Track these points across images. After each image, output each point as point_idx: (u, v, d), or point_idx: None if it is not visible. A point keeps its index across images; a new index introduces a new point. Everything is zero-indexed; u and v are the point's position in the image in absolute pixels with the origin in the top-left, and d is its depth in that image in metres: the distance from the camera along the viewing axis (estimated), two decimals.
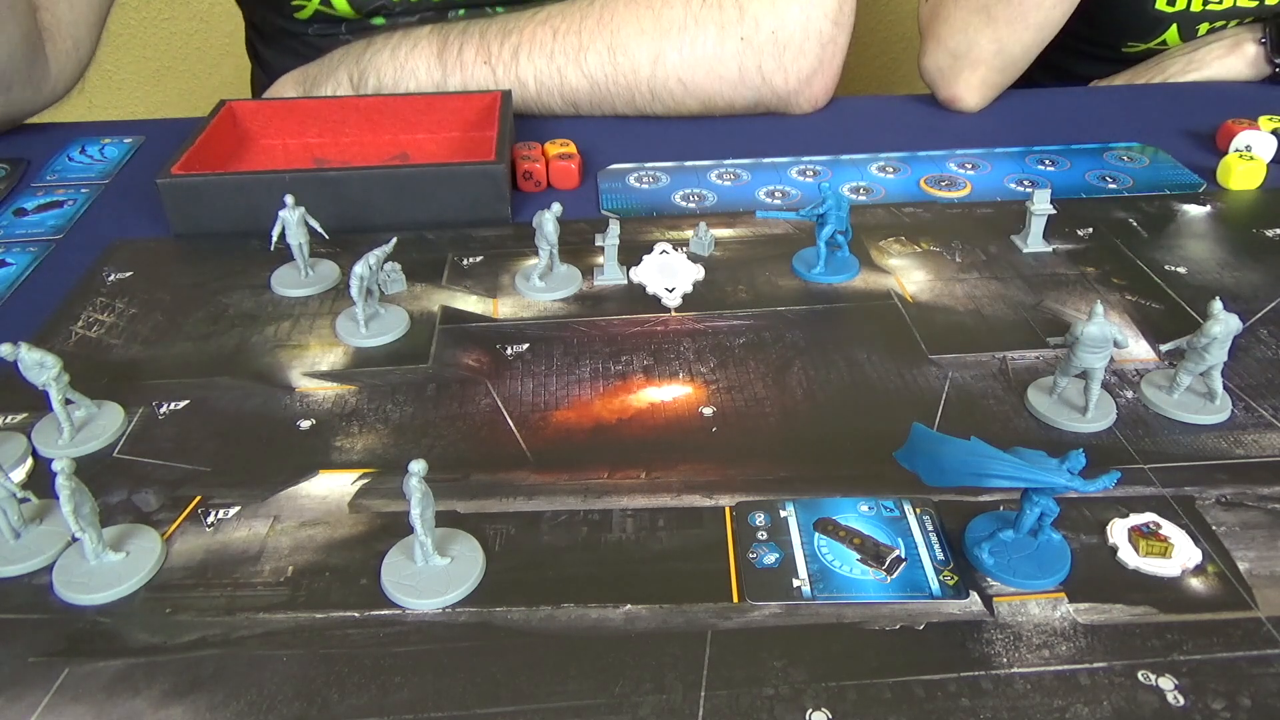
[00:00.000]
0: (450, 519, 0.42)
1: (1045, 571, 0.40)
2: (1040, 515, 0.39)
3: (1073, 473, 0.37)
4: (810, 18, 0.77)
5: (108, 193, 0.72)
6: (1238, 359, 0.51)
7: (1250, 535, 0.42)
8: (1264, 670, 0.36)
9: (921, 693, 0.35)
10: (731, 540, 0.42)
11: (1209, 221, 0.66)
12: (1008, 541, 0.40)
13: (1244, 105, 0.79)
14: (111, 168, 0.75)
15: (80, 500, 0.39)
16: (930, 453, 0.39)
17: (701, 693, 0.35)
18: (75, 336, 0.55)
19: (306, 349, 0.54)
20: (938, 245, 0.63)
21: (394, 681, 0.36)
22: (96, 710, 0.35)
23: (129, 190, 0.72)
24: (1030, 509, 0.39)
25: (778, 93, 0.80)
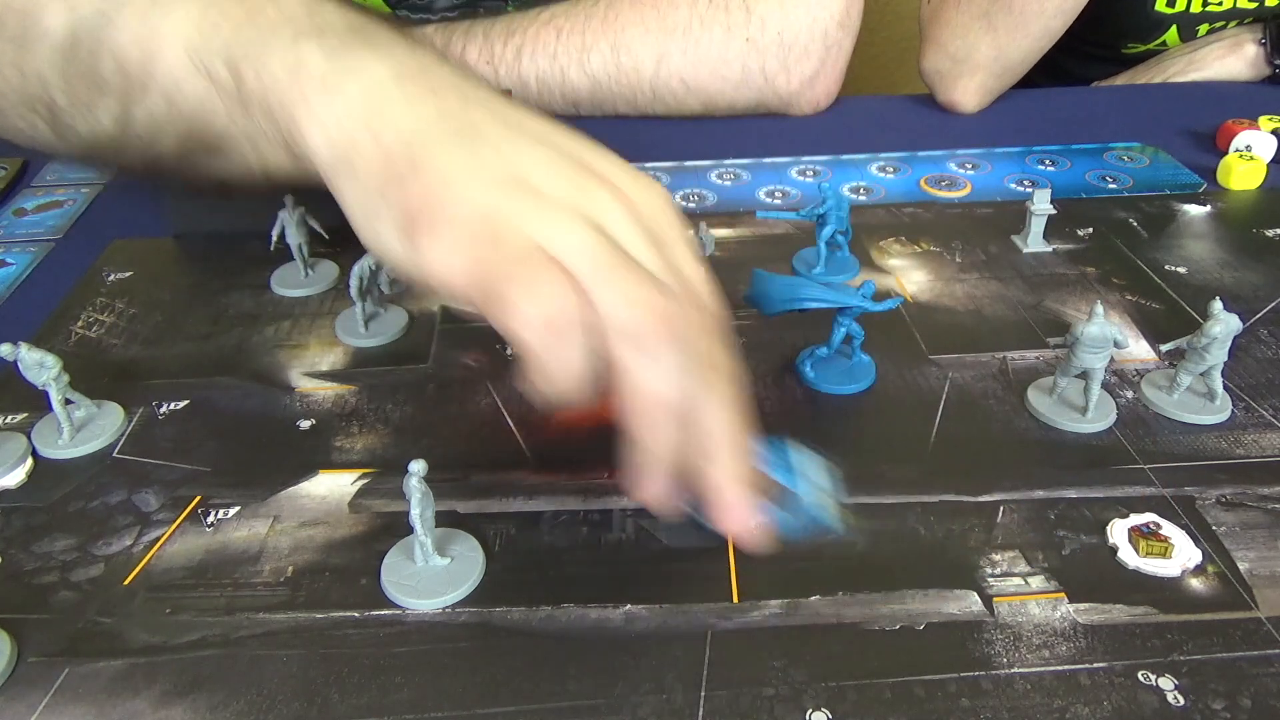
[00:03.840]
0: (450, 519, 0.42)
1: (853, 380, 0.50)
2: (848, 335, 0.50)
3: (866, 296, 0.48)
4: (816, 19, 0.77)
5: (108, 193, 0.71)
6: (1238, 359, 0.51)
7: (1250, 535, 0.42)
8: (1264, 670, 0.36)
9: (921, 693, 0.35)
10: (731, 540, 0.42)
11: (1209, 221, 0.66)
12: (824, 357, 0.51)
13: (1244, 105, 0.79)
14: None
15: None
16: (763, 290, 0.49)
17: (701, 693, 0.35)
18: (75, 336, 0.55)
19: (306, 349, 0.54)
20: (938, 245, 0.63)
21: (394, 681, 0.36)
22: (96, 710, 0.35)
23: (129, 190, 0.72)
24: (838, 329, 0.50)
25: (780, 94, 0.80)
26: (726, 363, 0.37)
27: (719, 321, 0.38)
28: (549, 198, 0.36)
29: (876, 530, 0.42)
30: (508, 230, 0.35)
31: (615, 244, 0.36)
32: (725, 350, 0.37)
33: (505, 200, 0.36)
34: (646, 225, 0.37)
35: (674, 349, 0.35)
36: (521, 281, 0.34)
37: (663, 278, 0.36)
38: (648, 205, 0.38)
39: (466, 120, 0.38)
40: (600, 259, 0.35)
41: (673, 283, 0.36)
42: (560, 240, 0.35)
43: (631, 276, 0.35)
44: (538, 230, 0.35)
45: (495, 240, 0.35)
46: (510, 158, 0.37)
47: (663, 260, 0.37)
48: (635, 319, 0.34)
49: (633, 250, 0.36)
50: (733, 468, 0.37)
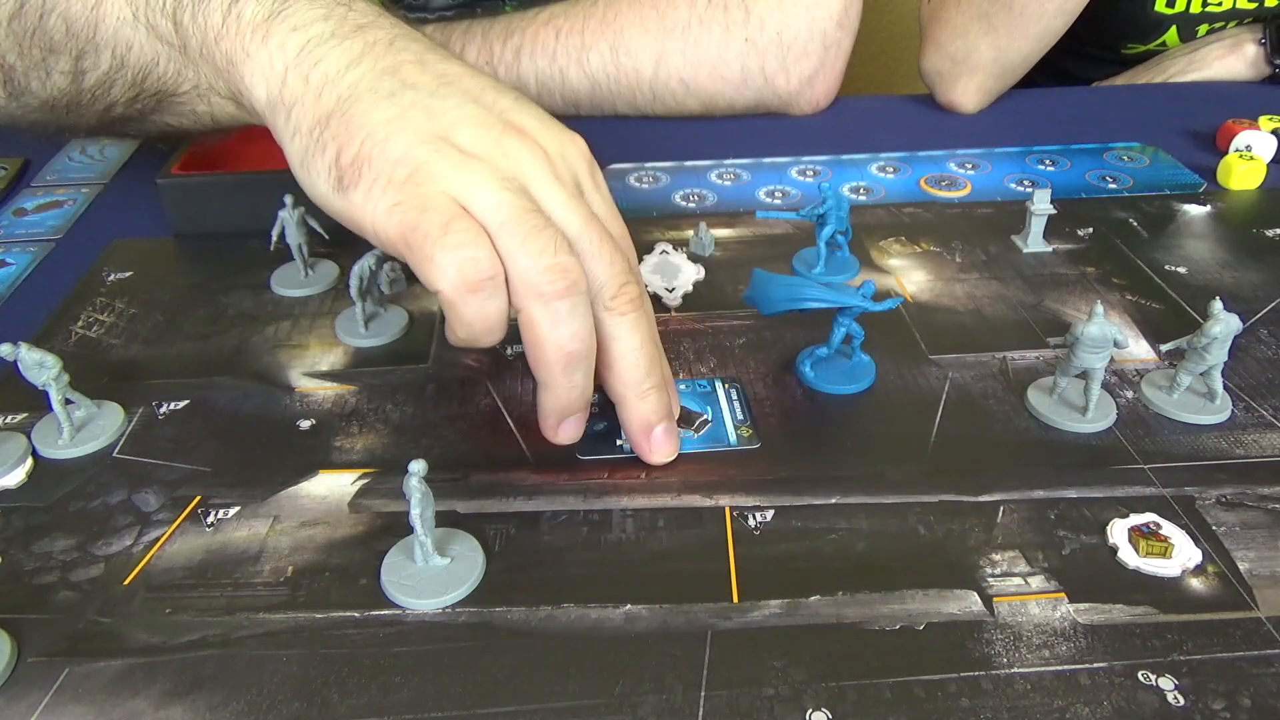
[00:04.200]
0: (450, 519, 0.42)
1: (853, 380, 0.50)
2: (848, 335, 0.50)
3: (866, 296, 0.48)
4: (815, 19, 0.77)
5: (108, 193, 0.72)
6: (1238, 359, 0.51)
7: (1250, 535, 0.42)
8: (1264, 670, 0.36)
9: (921, 693, 0.35)
10: (731, 540, 0.42)
11: (1209, 221, 0.66)
12: (824, 357, 0.51)
13: (1244, 105, 0.79)
14: (111, 168, 0.75)
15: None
16: (763, 290, 0.50)
17: (701, 693, 0.35)
18: (75, 336, 0.55)
19: (306, 349, 0.54)
20: (938, 245, 0.63)
21: (394, 681, 0.36)
22: (96, 710, 0.35)
23: (129, 190, 0.72)
24: (838, 328, 0.50)
25: (779, 94, 0.80)
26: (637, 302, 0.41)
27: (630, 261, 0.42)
28: (471, 155, 0.39)
29: (876, 530, 0.42)
30: (429, 186, 0.38)
31: (530, 200, 0.39)
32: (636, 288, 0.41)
33: (429, 156, 0.38)
34: (563, 177, 0.41)
35: (574, 303, 0.38)
36: (440, 238, 0.37)
37: (576, 227, 0.39)
38: (565, 157, 0.41)
39: (399, 75, 0.40)
40: (513, 217, 0.38)
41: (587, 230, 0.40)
42: (478, 198, 0.38)
43: (541, 235, 0.38)
44: (457, 187, 0.38)
45: (417, 196, 0.37)
46: (438, 114, 0.39)
47: (578, 209, 0.40)
48: (540, 276, 0.38)
49: (548, 204, 0.39)
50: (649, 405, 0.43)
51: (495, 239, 0.37)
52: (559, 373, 0.40)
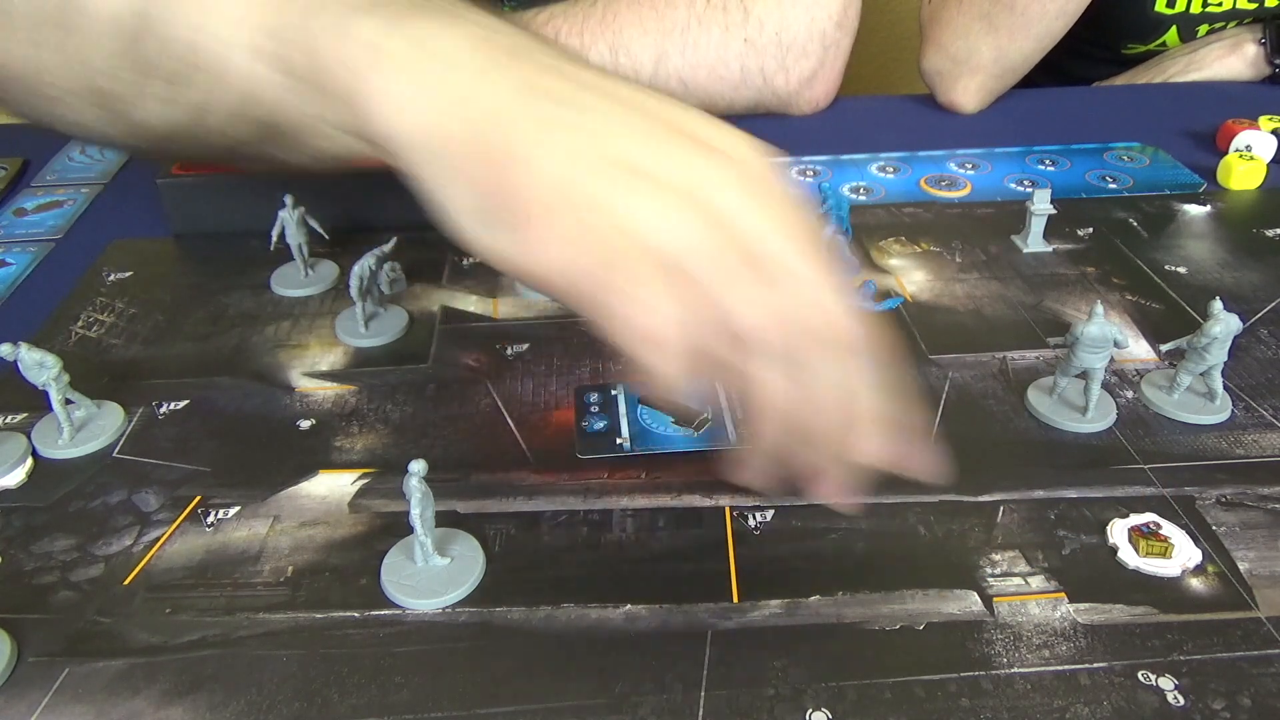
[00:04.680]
0: (450, 519, 0.42)
1: None
2: None
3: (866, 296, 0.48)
4: (815, 19, 0.77)
5: (108, 193, 0.72)
6: (1238, 359, 0.51)
7: (1250, 535, 0.42)
8: (1264, 670, 0.36)
9: (921, 693, 0.35)
10: (731, 540, 0.42)
11: (1209, 221, 0.66)
12: None
13: (1244, 105, 0.79)
14: (111, 168, 0.75)
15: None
16: None
17: (701, 693, 0.35)
18: (75, 336, 0.55)
19: (306, 349, 0.54)
20: (938, 245, 0.63)
21: (394, 681, 0.36)
22: (96, 710, 0.35)
23: (129, 190, 0.72)
24: None
25: (779, 94, 0.80)
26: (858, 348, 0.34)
27: (846, 301, 0.34)
28: (648, 177, 0.32)
29: (876, 530, 0.42)
30: (609, 223, 0.32)
31: (726, 226, 0.32)
32: (857, 334, 0.33)
33: (599, 183, 0.32)
34: (757, 189, 0.34)
35: (793, 355, 0.32)
36: (625, 288, 0.31)
37: (780, 249, 0.32)
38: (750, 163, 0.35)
39: (552, 90, 0.34)
40: (715, 255, 0.32)
41: (792, 251, 0.33)
42: (669, 234, 0.31)
43: (749, 274, 0.32)
44: (638, 220, 0.32)
45: (590, 235, 0.32)
46: (599, 131, 0.33)
47: (781, 226, 0.33)
48: (752, 325, 0.32)
49: (745, 225, 0.32)
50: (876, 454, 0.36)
51: (693, 280, 0.31)
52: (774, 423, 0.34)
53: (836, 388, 0.33)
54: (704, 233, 0.32)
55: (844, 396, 0.34)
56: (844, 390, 0.33)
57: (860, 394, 0.34)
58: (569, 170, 0.32)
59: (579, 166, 0.32)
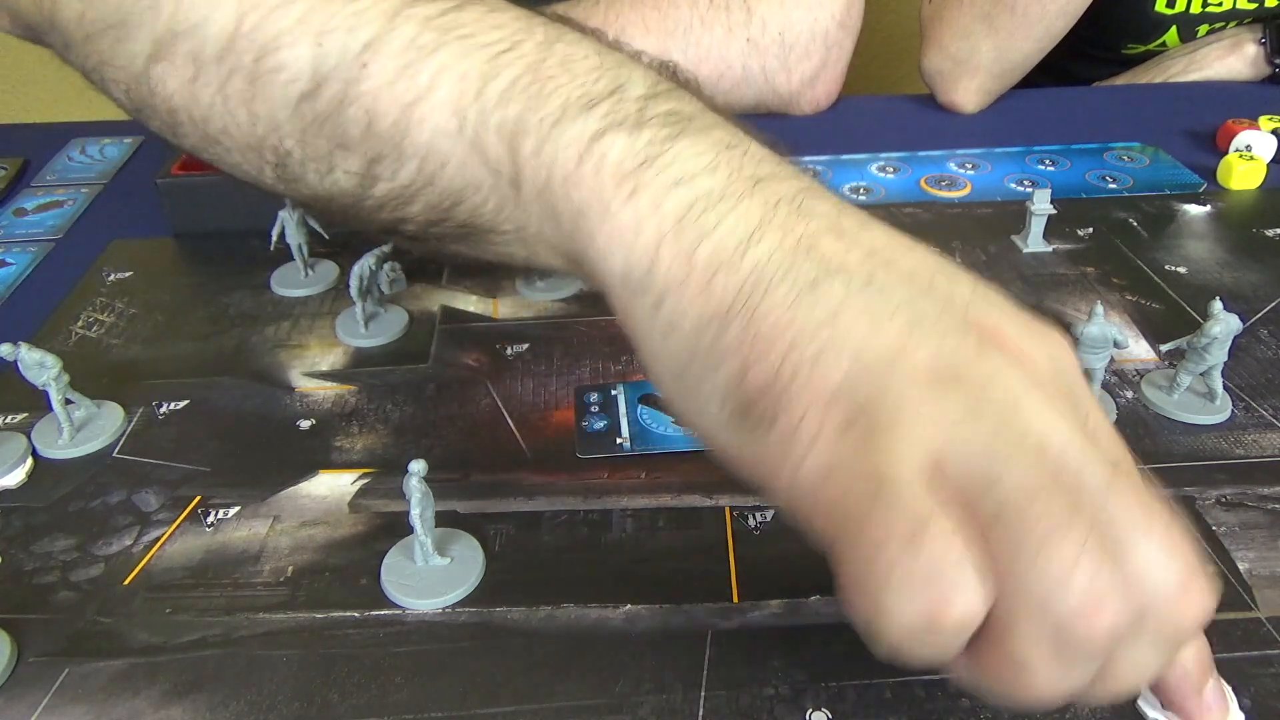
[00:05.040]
0: (450, 519, 0.42)
1: None
2: None
3: None
4: (818, 19, 0.77)
5: (108, 193, 0.71)
6: (1238, 359, 0.51)
7: (1250, 535, 0.42)
8: (1264, 670, 0.36)
9: (921, 693, 0.35)
10: (731, 540, 0.42)
11: (1209, 221, 0.66)
12: None
13: (1244, 105, 0.79)
14: (111, 168, 0.75)
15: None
16: None
17: (701, 693, 0.35)
18: (75, 336, 0.55)
19: (306, 349, 0.54)
20: (938, 245, 0.63)
21: (394, 681, 0.36)
22: (96, 710, 0.35)
23: (129, 190, 0.72)
24: None
25: (780, 94, 0.80)
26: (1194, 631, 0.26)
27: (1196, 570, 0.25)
28: (943, 384, 0.25)
29: None
30: (887, 447, 0.24)
31: (1040, 459, 0.24)
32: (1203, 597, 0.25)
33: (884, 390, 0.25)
34: (1065, 409, 0.25)
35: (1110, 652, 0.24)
36: (899, 560, 0.23)
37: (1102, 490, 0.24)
38: (1059, 372, 0.27)
39: (817, 252, 0.27)
40: (1022, 502, 0.24)
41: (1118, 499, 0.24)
42: (963, 462, 0.24)
43: (1065, 536, 0.23)
44: (929, 445, 0.24)
45: (867, 463, 0.24)
46: (883, 316, 0.26)
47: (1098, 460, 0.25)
48: (1064, 612, 0.23)
49: (1059, 455, 0.24)
50: None
51: (988, 532, 0.24)
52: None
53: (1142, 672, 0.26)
54: (1016, 461, 0.24)
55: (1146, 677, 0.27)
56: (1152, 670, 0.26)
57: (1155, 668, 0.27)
58: (843, 361, 0.25)
59: (854, 357, 0.25)
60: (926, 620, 0.23)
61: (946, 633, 0.24)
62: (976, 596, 0.23)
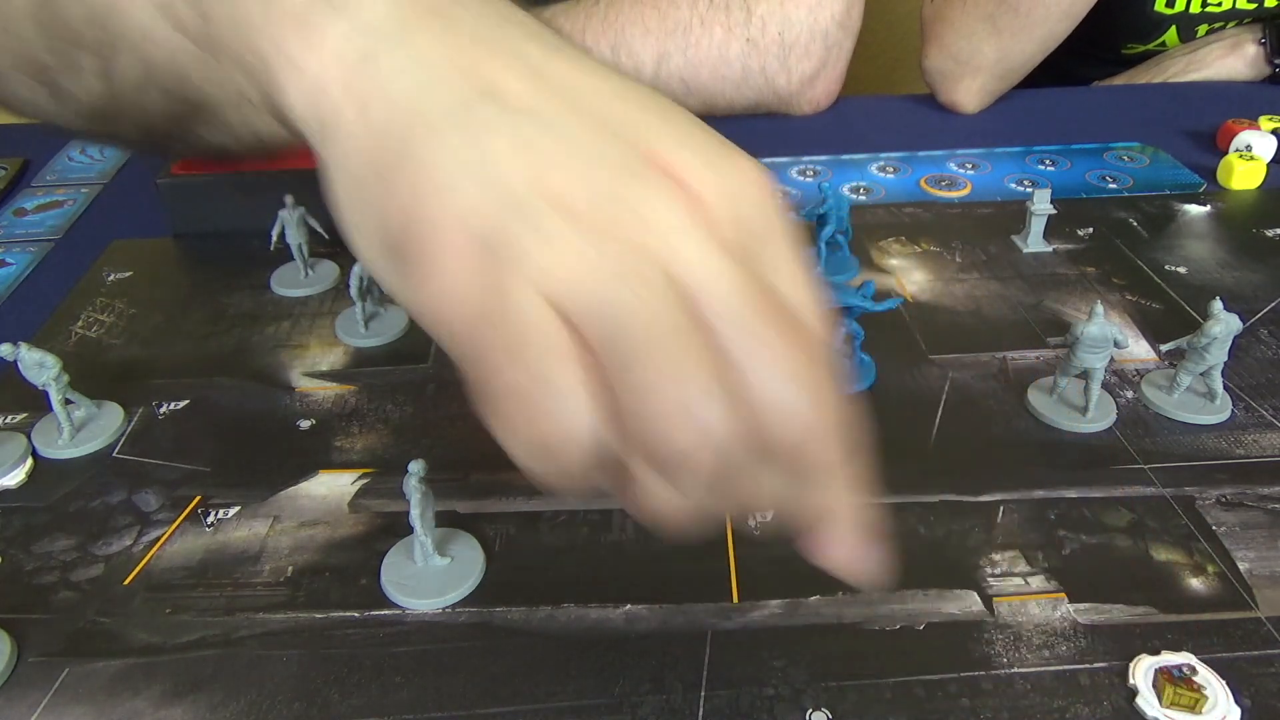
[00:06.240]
0: (450, 519, 0.42)
1: (853, 381, 0.50)
2: (848, 335, 0.50)
3: (866, 296, 0.48)
4: (817, 20, 0.77)
5: (108, 193, 0.72)
6: (1238, 359, 0.51)
7: (1250, 535, 0.42)
8: (1264, 670, 0.36)
9: (921, 693, 0.35)
10: (731, 540, 0.42)
11: (1209, 221, 0.66)
12: None
13: (1244, 105, 0.79)
14: (111, 168, 0.75)
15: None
16: None
17: (701, 693, 0.35)
18: (75, 336, 0.55)
19: (306, 349, 0.54)
20: (938, 245, 0.63)
21: (394, 681, 0.36)
22: (96, 710, 0.35)
23: (129, 190, 0.72)
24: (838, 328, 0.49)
25: (780, 94, 0.80)
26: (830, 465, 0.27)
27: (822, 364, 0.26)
28: (582, 220, 0.25)
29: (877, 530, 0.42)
30: (512, 279, 0.24)
31: (668, 293, 0.24)
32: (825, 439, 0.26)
33: (518, 226, 0.25)
34: (728, 239, 0.25)
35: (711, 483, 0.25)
36: (513, 374, 0.24)
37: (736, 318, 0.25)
38: (736, 204, 0.26)
39: (492, 87, 0.27)
40: (636, 336, 0.24)
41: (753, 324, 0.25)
42: (581, 299, 0.24)
43: (676, 370, 0.24)
44: (553, 280, 0.24)
45: (493, 295, 0.25)
46: (542, 150, 0.26)
47: (743, 290, 0.25)
48: (664, 440, 0.24)
49: (697, 281, 0.24)
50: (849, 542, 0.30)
51: (604, 364, 0.24)
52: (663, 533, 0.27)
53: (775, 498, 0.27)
54: (632, 299, 0.24)
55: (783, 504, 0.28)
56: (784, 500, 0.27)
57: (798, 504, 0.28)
58: (482, 198, 0.25)
59: (495, 194, 0.25)
60: (540, 440, 0.25)
61: (562, 454, 0.25)
62: (582, 422, 0.24)
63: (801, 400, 0.25)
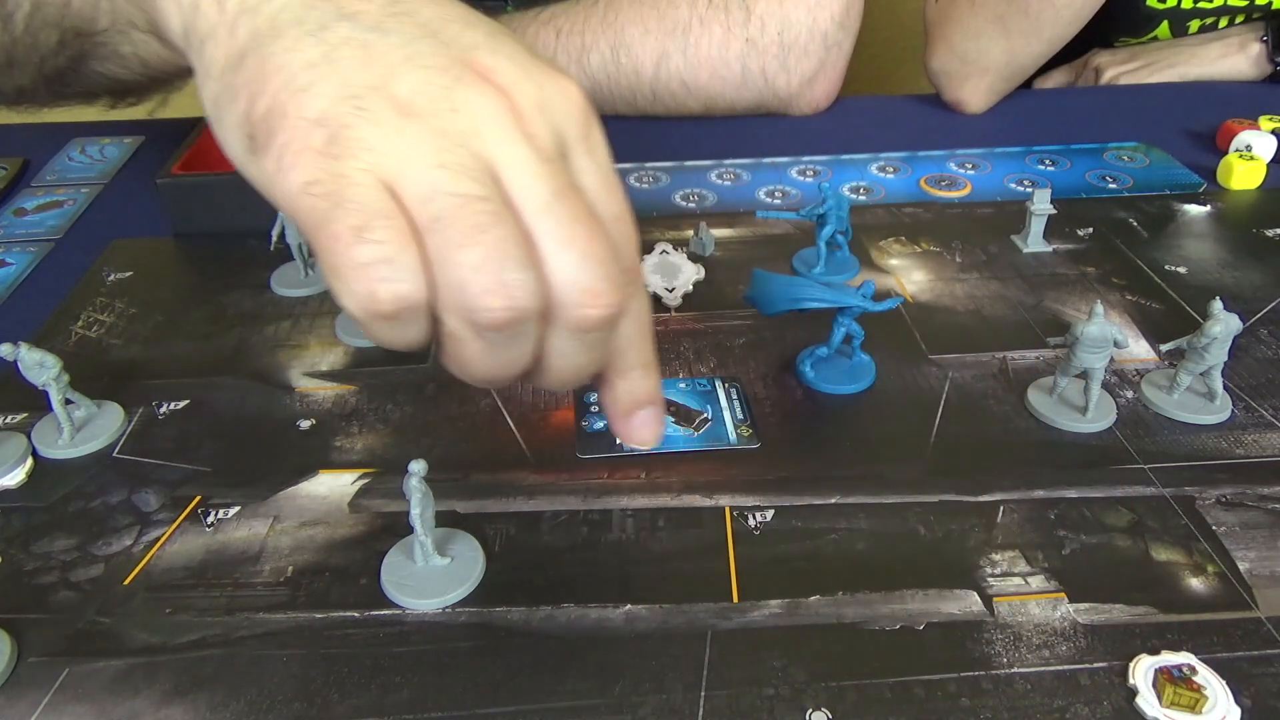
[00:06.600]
0: (450, 519, 0.42)
1: (853, 380, 0.50)
2: (848, 335, 0.50)
3: (866, 296, 0.48)
4: (816, 20, 0.77)
5: (108, 193, 0.72)
6: (1238, 359, 0.51)
7: (1250, 535, 0.42)
8: (1264, 670, 0.36)
9: (921, 693, 0.35)
10: (731, 540, 0.42)
11: (1209, 221, 0.66)
12: (824, 357, 0.51)
13: (1244, 105, 0.79)
14: (111, 168, 0.75)
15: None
16: (763, 290, 0.50)
17: (701, 693, 0.35)
18: (75, 336, 0.55)
19: (306, 349, 0.54)
20: (938, 245, 0.63)
21: (394, 681, 0.36)
22: (96, 710, 0.35)
23: (129, 190, 0.72)
24: (838, 329, 0.50)
25: (779, 94, 0.80)
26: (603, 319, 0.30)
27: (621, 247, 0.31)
28: (409, 113, 0.29)
29: (876, 530, 0.42)
30: (349, 162, 0.28)
31: (482, 178, 0.29)
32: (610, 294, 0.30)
33: (353, 116, 0.29)
34: (537, 136, 0.30)
35: (514, 335, 0.29)
36: (349, 246, 0.28)
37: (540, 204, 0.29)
38: (546, 108, 0.31)
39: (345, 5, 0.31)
40: (449, 209, 0.28)
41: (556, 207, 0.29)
42: (408, 180, 0.28)
43: (482, 237, 0.28)
44: (385, 163, 0.28)
45: (332, 176, 0.28)
46: (378, 54, 0.30)
47: (550, 179, 0.30)
48: (473, 298, 0.28)
49: (509, 175, 0.29)
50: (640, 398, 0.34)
51: (424, 238, 0.28)
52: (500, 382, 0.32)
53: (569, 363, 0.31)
54: (448, 180, 0.28)
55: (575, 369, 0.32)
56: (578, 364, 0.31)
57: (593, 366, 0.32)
58: (324, 93, 0.29)
59: (335, 89, 0.29)
60: (369, 303, 0.28)
61: (392, 317, 0.29)
62: (409, 285, 0.28)
63: (587, 276, 0.29)
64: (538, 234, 0.29)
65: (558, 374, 0.32)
